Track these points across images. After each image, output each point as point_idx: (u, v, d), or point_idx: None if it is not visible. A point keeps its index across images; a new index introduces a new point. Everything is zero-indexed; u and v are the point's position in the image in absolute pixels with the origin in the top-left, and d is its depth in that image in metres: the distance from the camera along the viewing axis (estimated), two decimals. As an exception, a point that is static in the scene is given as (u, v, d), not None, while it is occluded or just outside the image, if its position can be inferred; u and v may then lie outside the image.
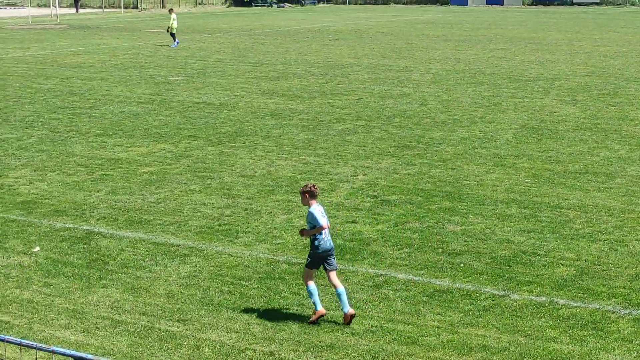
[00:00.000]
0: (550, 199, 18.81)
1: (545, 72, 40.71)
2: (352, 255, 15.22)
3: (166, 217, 17.46)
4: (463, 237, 16.23)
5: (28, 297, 13.46)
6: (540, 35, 62.70)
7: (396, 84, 36.74)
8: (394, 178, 20.62)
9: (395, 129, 26.48)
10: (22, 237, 16.24)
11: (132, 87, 35.70)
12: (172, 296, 13.46)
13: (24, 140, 24.97)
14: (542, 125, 27.03)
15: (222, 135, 25.52)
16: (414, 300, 13.32)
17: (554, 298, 13.35)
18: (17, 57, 47.87)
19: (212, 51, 50.88)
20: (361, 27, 70.96)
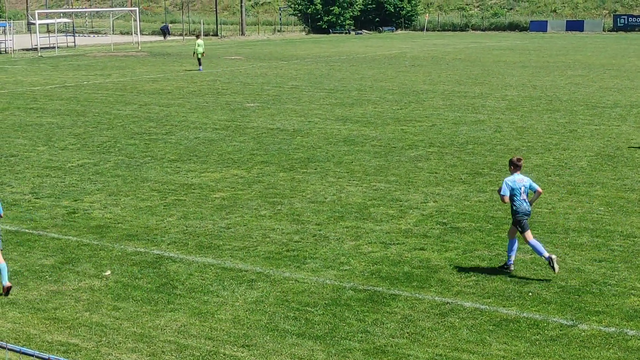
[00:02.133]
0: (623, 227, 18.50)
1: (624, 98, 40.12)
2: (419, 283, 15.16)
3: (235, 242, 17.61)
4: (532, 265, 16.04)
5: (97, 320, 13.67)
6: (619, 61, 61.87)
7: (471, 110, 36.57)
8: (464, 205, 20.51)
9: (467, 156, 26.35)
10: (94, 261, 16.52)
11: (208, 113, 36.15)
12: (238, 321, 13.55)
13: (101, 165, 25.44)
14: (617, 153, 26.64)
15: (294, 161, 25.67)
16: (480, 329, 13.20)
17: (624, 329, 13.11)
18: (97, 83, 48.86)
19: (289, 77, 51.30)
20: (438, 54, 70.86)
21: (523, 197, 15.24)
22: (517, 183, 15.26)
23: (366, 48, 79.25)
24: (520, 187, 15.24)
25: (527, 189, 15.35)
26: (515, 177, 15.32)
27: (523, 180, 15.35)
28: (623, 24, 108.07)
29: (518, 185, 15.24)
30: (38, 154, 27.32)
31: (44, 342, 12.75)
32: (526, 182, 15.38)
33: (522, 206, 15.24)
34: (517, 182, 15.28)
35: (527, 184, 15.37)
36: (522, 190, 15.26)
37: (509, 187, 15.25)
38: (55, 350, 12.47)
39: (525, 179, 15.46)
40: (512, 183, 15.25)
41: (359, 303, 14.25)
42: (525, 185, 15.31)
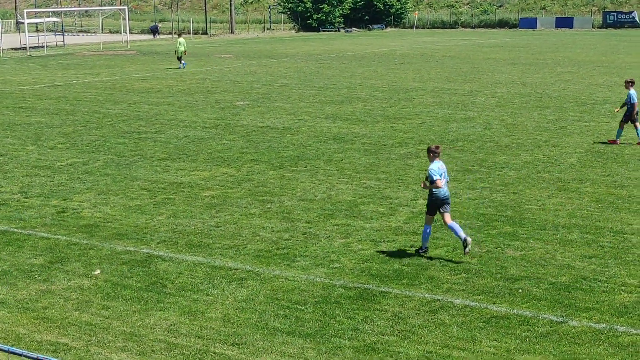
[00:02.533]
0: (613, 224, 18.52)
1: (613, 95, 40.19)
2: (409, 280, 15.14)
3: (225, 241, 17.58)
4: (522, 262, 16.05)
5: (87, 319, 13.62)
6: (609, 58, 62.00)
7: (460, 107, 36.60)
8: (454, 202, 20.46)
9: (457, 153, 26.36)
10: (84, 260, 16.46)
11: (198, 111, 36.10)
12: (227, 320, 13.52)
13: (90, 164, 25.36)
14: (607, 150, 26.68)
15: (284, 159, 25.64)
16: (470, 326, 13.19)
17: (614, 325, 13.12)
18: (87, 82, 48.76)
19: (278, 76, 51.27)
20: (428, 51, 70.90)
21: (442, 182, 16.04)
22: (440, 170, 16.09)
23: (356, 46, 79.24)
24: (442, 174, 16.06)
25: (446, 176, 16.24)
26: (438, 165, 16.09)
27: (443, 167, 16.22)
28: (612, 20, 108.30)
29: (441, 172, 16.06)
30: (27, 153, 27.23)
31: (33, 342, 12.70)
32: (445, 169, 16.30)
33: (442, 191, 16.03)
34: (440, 169, 16.09)
35: (445, 170, 16.29)
36: (443, 176, 16.11)
37: (438, 173, 15.96)
38: (45, 349, 12.42)
39: (444, 166, 16.33)
40: (438, 170, 16.02)
41: (349, 301, 14.23)
42: (444, 171, 16.19)
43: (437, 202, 16.08)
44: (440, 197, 16.06)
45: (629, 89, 27.57)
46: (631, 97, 27.43)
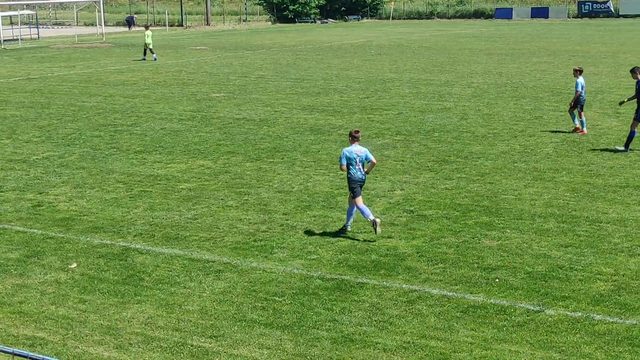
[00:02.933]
0: (589, 213, 18.62)
1: (588, 85, 40.21)
2: (386, 271, 15.16)
3: (202, 233, 17.54)
4: (499, 252, 16.11)
5: (63, 313, 13.56)
6: (584, 48, 62.25)
7: (437, 98, 36.65)
8: (431, 193, 20.54)
9: (434, 144, 26.41)
10: (60, 254, 16.39)
11: (174, 104, 35.97)
12: (205, 312, 13.49)
13: (66, 157, 25.23)
14: (583, 139, 26.80)
15: (260, 151, 25.60)
16: (448, 316, 13.23)
17: (590, 313, 13.19)
18: (62, 75, 48.48)
19: (255, 67, 51.16)
20: (404, 42, 70.95)
21: (358, 166, 16.66)
22: (354, 153, 16.65)
23: (332, 37, 79.20)
24: (356, 157, 16.63)
25: (362, 159, 16.71)
26: (353, 148, 16.69)
27: (360, 151, 16.71)
28: (587, 10, 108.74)
29: (354, 155, 16.62)
30: (2, 146, 27.05)
31: (9, 336, 12.63)
32: (362, 152, 16.73)
33: (356, 174, 16.67)
34: (353, 152, 16.66)
35: (363, 154, 16.71)
36: (358, 160, 16.65)
37: (346, 157, 16.66)
38: (21, 344, 12.36)
39: (363, 149, 16.80)
40: (349, 153, 16.65)
41: (326, 292, 14.23)
42: (361, 155, 16.69)
43: (352, 183, 16.77)
44: (355, 179, 16.72)
45: (577, 77, 27.72)
46: (577, 85, 27.65)
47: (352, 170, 16.71)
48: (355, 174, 16.70)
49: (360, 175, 16.73)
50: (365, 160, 16.77)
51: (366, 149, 17.02)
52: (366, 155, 16.74)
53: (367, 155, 16.76)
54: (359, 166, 16.70)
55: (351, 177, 16.74)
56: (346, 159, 16.68)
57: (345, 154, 16.70)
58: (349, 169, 16.71)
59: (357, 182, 16.75)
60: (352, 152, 16.69)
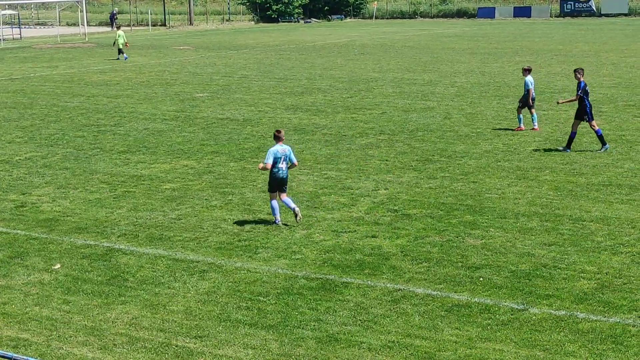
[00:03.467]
0: (572, 211, 18.68)
1: (571, 84, 40.41)
2: (371, 270, 15.18)
3: (186, 234, 17.52)
4: (483, 250, 16.15)
5: (47, 314, 13.53)
6: (567, 47, 62.44)
7: (420, 97, 36.71)
8: (415, 192, 20.57)
9: (418, 143, 26.45)
10: (44, 255, 16.34)
11: (157, 104, 35.90)
12: (189, 312, 13.48)
13: (49, 158, 25.14)
14: (566, 138, 26.84)
15: (244, 151, 25.58)
16: (432, 315, 13.26)
17: (574, 312, 13.24)
18: (45, 75, 48.30)
19: (238, 67, 51.10)
20: (387, 42, 71.00)
21: (283, 164, 17.55)
22: (279, 152, 17.49)
23: (315, 37, 79.19)
24: (281, 156, 17.51)
25: (287, 158, 17.61)
26: (278, 148, 17.53)
27: (284, 150, 17.59)
28: (570, 9, 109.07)
29: (280, 154, 17.47)
30: (-16, 147, 26.94)
31: (-7, 338, 12.59)
32: (287, 152, 17.64)
33: (279, 173, 17.54)
34: (279, 151, 17.50)
35: (287, 153, 17.63)
36: (283, 159, 17.55)
37: (274, 156, 17.42)
38: (5, 345, 12.32)
39: (287, 149, 17.70)
40: (275, 152, 17.47)
41: (311, 292, 14.24)
42: (285, 154, 17.59)
43: (277, 181, 17.63)
44: (279, 177, 17.59)
45: (526, 76, 28.18)
46: (526, 84, 28.08)
47: (276, 168, 17.52)
48: (278, 172, 17.56)
49: (283, 174, 17.64)
50: (290, 160, 17.70)
51: (290, 148, 17.87)
52: (290, 155, 17.68)
53: (291, 156, 17.72)
54: (283, 164, 17.59)
55: (276, 175, 17.56)
56: (273, 157, 17.45)
57: (272, 153, 17.46)
58: (273, 167, 17.50)
59: (282, 180, 17.66)
60: (278, 151, 17.52)
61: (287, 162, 17.68)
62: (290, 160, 17.74)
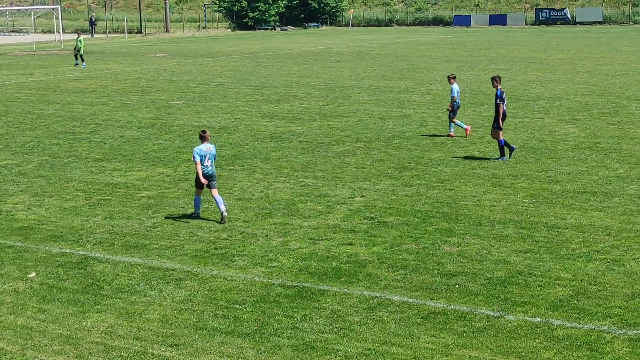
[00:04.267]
0: (547, 218, 18.78)
1: (546, 91, 40.75)
2: (347, 278, 15.19)
3: (162, 242, 17.47)
4: (459, 258, 16.20)
5: (22, 323, 13.45)
6: (542, 54, 62.80)
7: (396, 105, 36.80)
8: (391, 199, 20.62)
9: (394, 150, 26.51)
10: (18, 263, 16.25)
11: (133, 111, 35.81)
12: (165, 321, 13.44)
13: (24, 166, 25.02)
14: (541, 145, 27.04)
15: (221, 159, 25.52)
16: (409, 322, 13.28)
17: (549, 319, 13.31)
18: (20, 83, 48.08)
19: (214, 75, 51.06)
20: (363, 49, 71.15)
21: (208, 162, 18.70)
22: (204, 151, 18.64)
23: (292, 44, 79.25)
24: (207, 155, 18.67)
25: (211, 157, 18.76)
26: (203, 147, 18.65)
27: (209, 148, 18.77)
28: (545, 17, 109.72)
29: (205, 153, 18.64)
30: (-41, 155, 26.76)
31: (-33, 347, 12.50)
32: (212, 150, 18.86)
33: (206, 169, 18.64)
34: (204, 150, 18.64)
35: (212, 152, 18.84)
36: (208, 157, 18.71)
37: (198, 154, 18.55)
38: (-21, 355, 12.23)
39: (212, 147, 18.88)
40: (200, 151, 18.60)
41: (287, 299, 14.23)
42: (210, 153, 18.77)
43: (204, 177, 18.63)
44: (206, 173, 18.62)
45: (452, 84, 28.72)
46: (452, 91, 28.57)
47: (203, 165, 18.63)
48: (206, 168, 18.69)
49: (209, 171, 18.76)
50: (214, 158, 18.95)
51: (214, 147, 19.12)
52: (214, 154, 18.94)
53: (215, 155, 19.06)
54: (208, 162, 18.73)
55: (202, 172, 18.59)
56: (199, 156, 18.55)
57: (198, 152, 18.59)
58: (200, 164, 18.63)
59: (209, 176, 18.75)
60: (203, 150, 18.65)
61: (212, 159, 18.77)
62: (215, 158, 19.05)
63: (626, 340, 12.49)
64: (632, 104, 35.92)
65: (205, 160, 18.68)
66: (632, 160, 24.56)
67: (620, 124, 30.91)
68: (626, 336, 12.64)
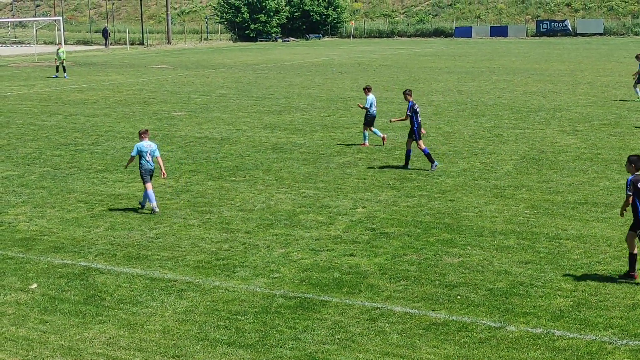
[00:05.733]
0: (548, 229, 18.79)
1: (547, 102, 40.80)
2: (349, 289, 15.20)
3: (164, 253, 17.49)
4: (461, 269, 16.21)
5: (24, 334, 13.46)
6: (543, 66, 62.88)
7: (398, 116, 36.76)
8: (393, 210, 20.64)
9: (395, 161, 26.54)
10: (20, 274, 16.27)
11: (135, 122, 35.85)
12: (167, 332, 13.45)
13: (26, 177, 25.06)
14: (542, 156, 27.07)
15: (222, 170, 25.58)
16: (410, 333, 13.28)
17: (551, 329, 13.31)
18: (22, 94, 48.16)
19: (216, 86, 51.15)
20: (365, 61, 71.26)
21: (148, 158, 20.41)
22: (145, 147, 20.41)
23: (293, 55, 79.38)
24: (147, 151, 20.42)
25: (152, 153, 20.49)
26: (144, 143, 20.43)
27: (150, 146, 20.54)
28: (546, 29, 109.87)
29: (145, 149, 20.37)
30: (-39, 166, 26.80)
31: (-32, 358, 12.51)
32: (153, 147, 20.59)
33: (146, 165, 20.41)
34: (144, 146, 20.41)
35: (153, 149, 20.56)
36: (148, 153, 20.45)
37: (138, 150, 20.41)
38: (-19, 366, 12.24)
39: (153, 145, 20.63)
40: (141, 147, 20.42)
41: (289, 310, 14.24)
42: (151, 149, 20.51)
43: (146, 171, 20.41)
44: (147, 168, 20.39)
45: (367, 95, 29.53)
46: (367, 102, 29.34)
47: (143, 161, 20.36)
48: (146, 164, 20.40)
49: (150, 166, 20.44)
50: (155, 154, 20.52)
51: (156, 145, 20.85)
52: (155, 150, 20.57)
53: (156, 151, 20.63)
54: (148, 158, 20.41)
55: (145, 166, 20.37)
56: (138, 151, 20.40)
57: (139, 147, 20.44)
58: (140, 159, 20.39)
59: (148, 171, 20.43)
60: (144, 146, 20.42)
61: (152, 155, 20.43)
62: (156, 155, 20.58)
63: (627, 351, 12.49)
64: (632, 115, 35.95)
65: (147, 156, 20.38)
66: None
67: (621, 135, 30.94)
68: (627, 347, 12.64)
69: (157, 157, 20.63)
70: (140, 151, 20.43)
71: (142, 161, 20.43)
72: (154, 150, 20.59)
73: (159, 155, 20.73)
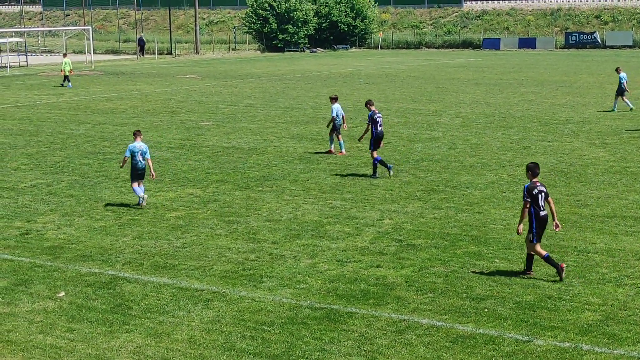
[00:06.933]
0: (577, 242, 18.68)
1: (576, 115, 40.61)
2: (375, 300, 15.17)
3: (191, 262, 17.52)
4: (488, 281, 16.13)
5: (51, 342, 13.52)
6: (571, 78, 62.61)
7: (425, 127, 36.79)
8: (420, 222, 20.58)
9: (423, 173, 26.48)
10: (48, 282, 16.35)
11: (163, 132, 36.01)
12: (194, 341, 13.46)
13: (54, 185, 25.20)
14: (570, 169, 26.92)
15: (250, 180, 25.62)
16: (437, 345, 13.23)
17: (579, 344, 13.21)
18: (51, 103, 48.48)
19: (244, 96, 51.28)
20: (392, 71, 71.23)
21: (139, 158, 21.97)
22: (137, 148, 21.99)
23: (321, 66, 79.47)
24: (138, 151, 21.96)
25: (143, 154, 22.02)
26: (136, 144, 22.04)
27: (141, 146, 22.10)
28: (574, 41, 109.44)
29: (137, 149, 21.98)
30: (-10, 174, 26.99)
31: (-4, 366, 12.57)
32: (144, 148, 22.16)
33: (137, 164, 21.93)
34: (136, 147, 22.00)
35: (144, 150, 22.12)
36: (140, 153, 21.95)
37: (130, 150, 22.01)
38: (9, 373, 12.30)
39: (144, 146, 22.18)
40: (133, 147, 22.03)
41: (315, 321, 14.22)
42: (142, 150, 22.05)
43: (136, 170, 21.97)
44: (138, 167, 21.93)
45: (333, 104, 30.11)
46: (332, 111, 29.92)
47: (135, 160, 21.87)
48: (137, 163, 21.91)
49: (141, 165, 21.98)
50: (146, 154, 22.01)
51: (147, 147, 22.37)
52: (146, 151, 22.09)
53: (147, 152, 22.14)
54: (140, 157, 21.95)
55: (136, 166, 21.89)
56: (130, 152, 21.94)
57: (131, 148, 22.00)
58: (133, 159, 21.86)
59: (139, 170, 21.98)
60: (136, 146, 21.97)
61: (143, 156, 21.89)
62: (148, 155, 22.09)
63: (657, 367, 12.37)
64: (662, 128, 35.70)
65: (138, 156, 21.88)
66: (663, 185, 24.39)
67: (651, 148, 30.72)
68: (657, 362, 12.52)
69: (147, 160, 22.10)
70: (132, 152, 21.97)
71: (133, 161, 21.95)
72: (145, 151, 22.09)
73: (149, 158, 22.22)
